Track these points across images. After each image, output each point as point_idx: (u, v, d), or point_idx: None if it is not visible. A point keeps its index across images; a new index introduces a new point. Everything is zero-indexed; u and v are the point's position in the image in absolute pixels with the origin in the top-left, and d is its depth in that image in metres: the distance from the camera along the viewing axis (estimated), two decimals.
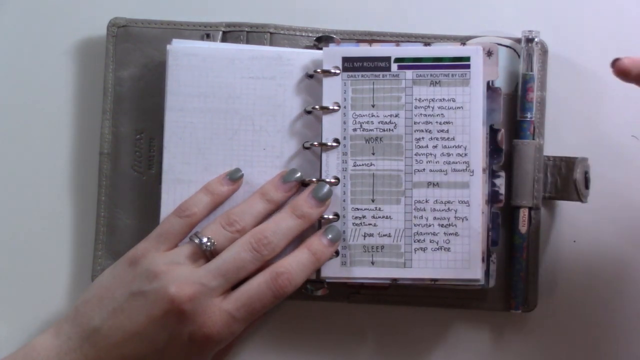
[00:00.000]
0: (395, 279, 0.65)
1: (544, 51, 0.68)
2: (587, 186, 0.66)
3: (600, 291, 0.69)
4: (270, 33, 0.69)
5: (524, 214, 0.66)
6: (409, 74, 0.65)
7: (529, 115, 0.67)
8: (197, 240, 0.62)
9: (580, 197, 0.65)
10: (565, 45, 0.69)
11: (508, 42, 0.67)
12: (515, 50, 0.67)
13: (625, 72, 0.58)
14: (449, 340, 0.69)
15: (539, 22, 0.69)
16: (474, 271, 0.64)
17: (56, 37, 0.71)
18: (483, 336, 0.69)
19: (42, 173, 0.71)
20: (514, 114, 0.67)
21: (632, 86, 0.68)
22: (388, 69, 0.65)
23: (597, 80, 0.69)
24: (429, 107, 0.64)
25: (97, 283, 0.63)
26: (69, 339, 0.61)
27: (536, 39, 0.66)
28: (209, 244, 0.62)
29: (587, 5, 0.70)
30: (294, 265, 0.61)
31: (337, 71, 0.65)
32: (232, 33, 0.69)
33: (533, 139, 0.67)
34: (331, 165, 0.65)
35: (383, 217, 0.65)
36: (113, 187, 0.69)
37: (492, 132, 0.65)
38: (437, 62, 0.64)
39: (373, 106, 0.65)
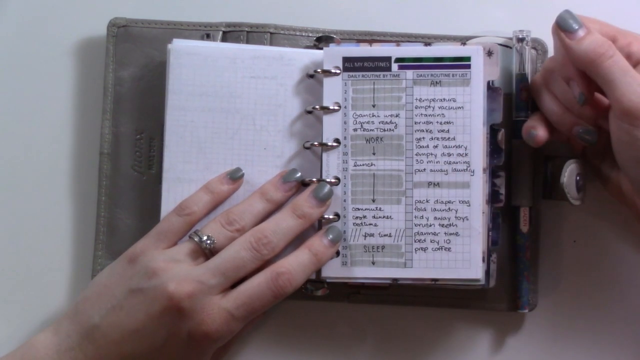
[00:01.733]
0: (395, 279, 0.65)
1: (544, 51, 0.68)
2: (579, 189, 0.65)
3: (600, 291, 0.69)
4: (270, 33, 0.69)
5: (524, 213, 0.66)
6: (410, 74, 0.65)
7: (523, 114, 0.66)
8: (196, 239, 0.62)
9: (569, 199, 0.65)
10: None
11: (505, 41, 0.67)
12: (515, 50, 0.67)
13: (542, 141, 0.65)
14: (449, 341, 0.69)
15: (539, 22, 0.68)
16: (475, 271, 0.64)
17: (56, 37, 0.71)
18: (483, 336, 0.69)
19: (42, 173, 0.71)
20: (512, 113, 0.67)
21: None
22: (388, 69, 0.65)
23: None
24: (429, 107, 0.64)
25: (97, 281, 0.63)
26: (68, 337, 0.61)
27: (527, 39, 0.66)
28: (208, 242, 0.62)
29: (587, 5, 0.70)
30: (295, 266, 0.61)
31: (338, 71, 0.65)
32: (232, 33, 0.69)
33: None
34: (332, 165, 0.65)
35: (384, 217, 0.65)
36: (113, 187, 0.69)
37: (493, 132, 0.65)
38: (438, 62, 0.64)
39: (373, 106, 0.65)
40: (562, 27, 0.60)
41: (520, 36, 0.66)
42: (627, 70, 0.58)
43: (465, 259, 0.64)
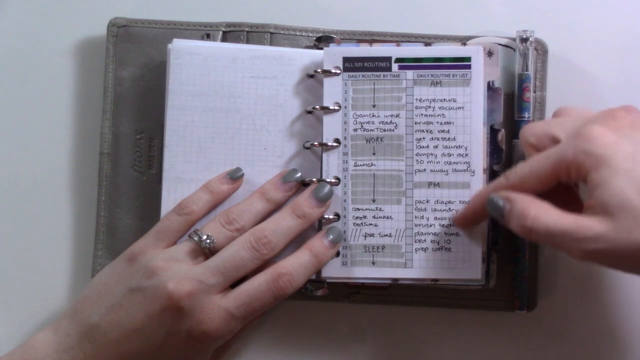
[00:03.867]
0: (396, 279, 0.65)
1: (544, 51, 0.68)
2: None
3: (600, 291, 0.69)
4: (270, 33, 0.69)
5: None
6: (410, 74, 0.65)
7: (526, 115, 0.66)
8: (196, 238, 0.62)
9: None
10: (565, 45, 0.69)
11: (508, 42, 0.67)
12: (515, 50, 0.67)
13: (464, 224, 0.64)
14: (449, 340, 0.69)
15: (540, 22, 0.69)
16: (475, 271, 0.64)
17: (56, 37, 0.71)
18: (483, 336, 0.69)
19: (42, 173, 0.70)
20: (514, 114, 0.67)
21: (631, 86, 0.69)
22: (389, 69, 0.65)
23: (597, 80, 0.69)
24: (429, 107, 0.64)
25: (96, 280, 0.63)
26: (67, 336, 0.61)
27: (530, 39, 0.66)
28: (208, 241, 0.62)
29: (588, 5, 0.70)
30: (295, 267, 0.62)
31: (338, 71, 0.65)
32: (232, 33, 0.69)
33: None
34: (332, 165, 0.65)
35: (384, 217, 0.65)
36: (113, 187, 0.68)
37: (493, 132, 0.65)
38: (438, 62, 0.64)
39: (374, 106, 0.65)
40: (492, 214, 0.59)
41: (524, 36, 0.66)
42: (550, 234, 0.55)
43: (465, 259, 0.64)
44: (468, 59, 0.64)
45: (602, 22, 0.70)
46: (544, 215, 0.56)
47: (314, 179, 0.65)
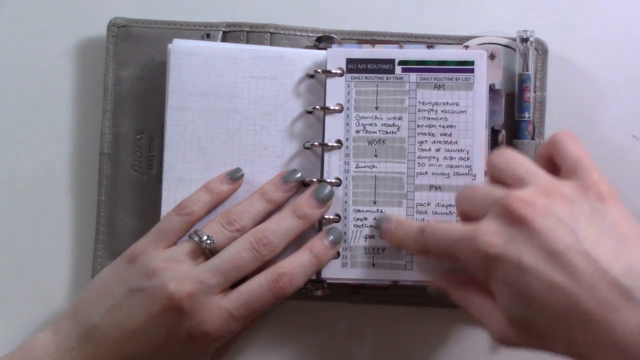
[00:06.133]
0: (396, 281, 0.65)
1: (544, 51, 0.68)
2: None
3: None
4: (271, 33, 0.69)
5: None
6: (413, 76, 0.65)
7: (526, 114, 0.67)
8: (196, 238, 0.62)
9: None
10: (565, 45, 0.69)
11: (508, 42, 0.67)
12: (515, 50, 0.67)
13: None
14: (449, 341, 0.69)
15: (540, 22, 0.69)
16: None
17: (56, 37, 0.71)
18: (483, 336, 0.69)
19: (42, 173, 0.70)
20: (514, 114, 0.67)
21: (631, 86, 0.69)
22: (392, 71, 0.65)
23: (597, 80, 0.69)
24: (432, 110, 0.64)
25: (96, 280, 0.63)
26: (67, 336, 0.61)
27: (531, 39, 0.66)
28: (208, 242, 0.62)
29: (588, 5, 0.70)
30: (296, 267, 0.62)
31: (341, 72, 0.65)
32: (232, 33, 0.69)
33: (532, 138, 0.67)
34: (333, 166, 0.65)
35: None
36: (113, 187, 0.68)
37: (493, 133, 0.65)
38: (442, 66, 0.64)
39: (376, 108, 0.65)
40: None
41: (524, 36, 0.66)
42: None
43: None
44: (471, 63, 0.64)
45: (602, 22, 0.70)
46: None
47: (315, 180, 0.65)
